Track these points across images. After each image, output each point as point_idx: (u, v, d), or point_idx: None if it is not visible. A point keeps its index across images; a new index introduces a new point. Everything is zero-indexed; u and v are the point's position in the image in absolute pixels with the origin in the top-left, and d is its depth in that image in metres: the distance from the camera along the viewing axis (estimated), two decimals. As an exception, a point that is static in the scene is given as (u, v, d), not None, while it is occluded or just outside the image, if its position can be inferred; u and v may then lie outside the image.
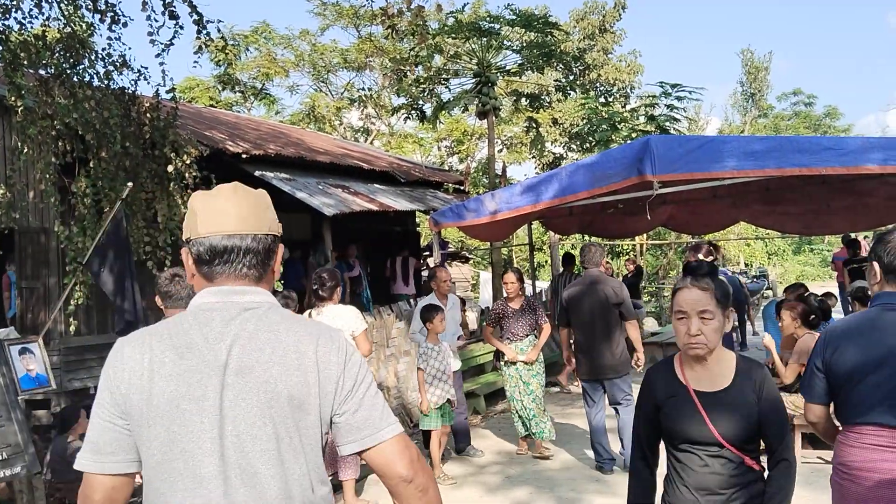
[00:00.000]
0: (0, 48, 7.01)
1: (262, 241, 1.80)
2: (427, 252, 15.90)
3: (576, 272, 11.28)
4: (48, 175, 7.12)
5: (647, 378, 2.71)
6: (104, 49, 7.72)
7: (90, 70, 7.64)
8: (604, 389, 6.64)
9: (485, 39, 13.22)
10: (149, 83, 10.42)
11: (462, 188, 14.99)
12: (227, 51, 18.01)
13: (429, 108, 14.57)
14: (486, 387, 9.82)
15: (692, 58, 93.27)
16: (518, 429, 7.27)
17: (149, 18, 7.53)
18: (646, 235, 18.73)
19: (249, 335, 1.71)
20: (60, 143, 7.15)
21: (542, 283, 15.88)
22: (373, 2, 9.29)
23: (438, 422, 6.60)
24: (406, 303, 10.16)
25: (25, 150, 6.96)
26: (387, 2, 9.16)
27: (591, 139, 16.53)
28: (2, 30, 7.12)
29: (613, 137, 15.21)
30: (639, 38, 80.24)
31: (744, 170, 6.93)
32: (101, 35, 20.61)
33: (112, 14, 7.53)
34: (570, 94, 18.50)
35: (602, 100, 21.81)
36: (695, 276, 2.56)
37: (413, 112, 14.66)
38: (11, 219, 7.62)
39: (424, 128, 25.76)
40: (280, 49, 26.74)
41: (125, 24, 7.70)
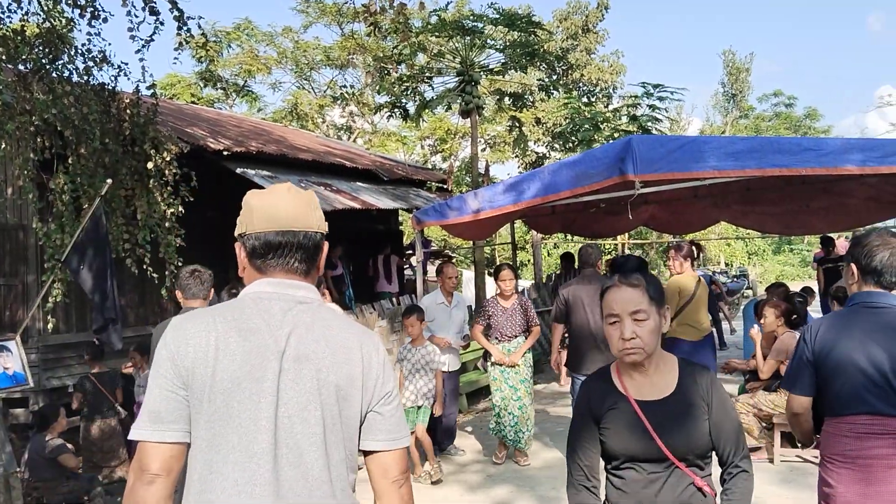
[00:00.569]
0: (-22, 43, 6.93)
1: (312, 238, 1.95)
2: (410, 251, 15.88)
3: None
4: (26, 171, 7.04)
5: (583, 390, 2.44)
6: (84, 44, 7.65)
7: (69, 66, 7.56)
8: None
9: (468, 38, 13.20)
10: (129, 79, 10.32)
11: (445, 187, 14.98)
12: (209, 47, 17.88)
13: (412, 107, 14.53)
14: (468, 385, 9.83)
15: (674, 58, 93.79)
16: (496, 434, 7.07)
17: (129, 14, 7.46)
18: (627, 235, 18.80)
19: (306, 326, 1.85)
20: (39, 139, 7.08)
21: (525, 282, 15.88)
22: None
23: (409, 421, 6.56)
24: (389, 301, 10.14)
25: (3, 146, 6.87)
26: (369, -1, 9.13)
27: (574, 139, 16.55)
28: (-20, 24, 7.04)
29: (596, 137, 15.23)
30: (621, 39, 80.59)
31: (724, 170, 6.97)
32: (81, 30, 20.35)
33: (92, 9, 7.45)
34: (553, 94, 18.53)
35: (585, 100, 21.87)
36: (623, 273, 2.33)
37: (396, 110, 14.61)
38: (-11, 215, 7.54)
39: (408, 126, 25.74)
40: (262, 46, 26.64)
41: (105, 20, 7.63)
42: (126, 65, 8.00)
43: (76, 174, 7.07)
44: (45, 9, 7.50)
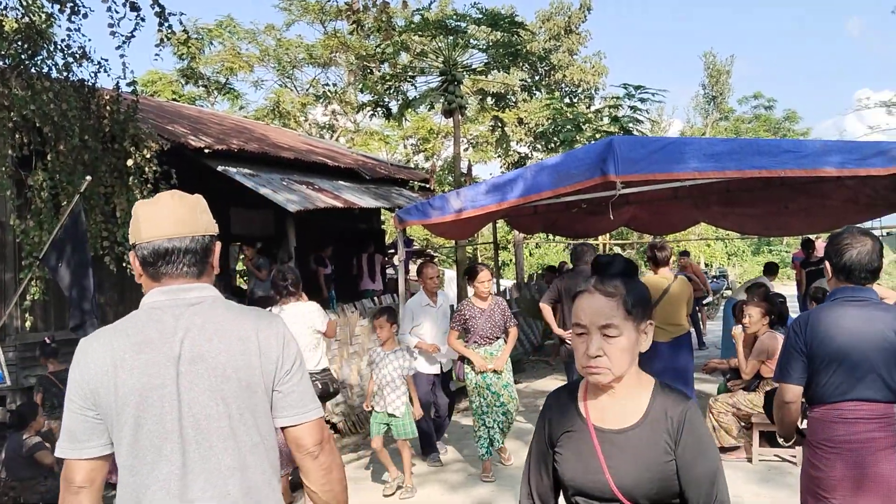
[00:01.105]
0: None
1: (199, 242, 2.06)
2: (392, 250, 15.87)
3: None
4: (4, 168, 6.96)
5: (546, 405, 2.14)
6: (63, 40, 7.59)
7: (49, 61, 7.49)
8: None
9: (451, 38, 13.22)
10: (109, 76, 10.20)
11: (427, 186, 14.99)
12: (190, 44, 17.77)
13: (395, 106, 14.52)
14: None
15: (655, 60, 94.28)
16: (480, 450, 6.58)
17: (109, 10, 7.40)
18: (609, 235, 18.89)
19: (198, 328, 1.96)
20: (17, 136, 7.00)
21: (507, 282, 15.92)
22: (338, -2, 9.24)
23: (374, 430, 6.26)
24: (371, 300, 10.12)
25: (-19, 143, 6.81)
26: (353, -2, 9.12)
27: (556, 139, 16.59)
28: (-43, 19, 6.96)
29: (578, 138, 15.29)
30: (603, 40, 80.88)
31: (705, 171, 7.02)
32: (61, 26, 20.14)
33: (72, 4, 7.39)
34: (536, 95, 18.58)
35: (567, 100, 21.93)
36: (601, 278, 1.98)
37: (379, 109, 14.60)
38: (-35, 212, 7.46)
39: (390, 125, 25.70)
40: (244, 44, 26.50)
41: (85, 16, 7.56)
42: (106, 61, 7.92)
43: (55, 171, 7.00)
44: (25, 4, 7.42)
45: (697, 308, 13.91)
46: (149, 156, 7.61)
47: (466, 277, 7.21)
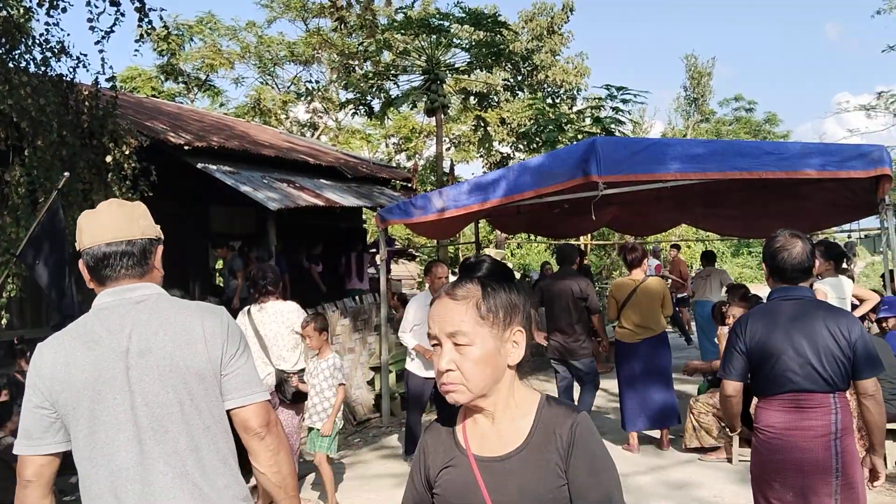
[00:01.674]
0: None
1: (137, 245, 2.21)
2: (373, 249, 15.82)
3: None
4: (-20, 163, 6.87)
5: (419, 445, 1.88)
6: (42, 34, 7.48)
7: (27, 56, 7.38)
8: (567, 367, 7.35)
9: (434, 36, 13.20)
10: (88, 71, 10.18)
11: (410, 185, 14.95)
12: (171, 40, 17.62)
13: (377, 104, 14.47)
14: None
15: (637, 62, 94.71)
16: None
17: (88, 4, 7.31)
18: (590, 235, 18.93)
19: (144, 323, 2.10)
20: (-6, 131, 6.91)
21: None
22: (322, -5, 9.19)
23: (311, 446, 5.80)
24: (352, 300, 10.08)
25: (-44, 137, 6.70)
26: (336, -5, 9.07)
27: (538, 139, 16.63)
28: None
29: (560, 138, 15.33)
30: (586, 41, 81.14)
31: (686, 172, 7.05)
32: (39, 20, 19.96)
33: (50, -2, 7.30)
34: (519, 95, 18.60)
35: (549, 101, 21.98)
36: (458, 281, 1.76)
37: (361, 107, 14.55)
38: (-60, 208, 7.34)
39: (372, 124, 25.62)
40: (225, 40, 26.35)
41: (64, 10, 7.47)
42: (85, 56, 7.82)
43: (32, 167, 6.90)
44: (2, -3, 7.32)
45: (679, 308, 13.97)
46: (128, 152, 7.52)
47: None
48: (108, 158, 7.40)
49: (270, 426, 2.21)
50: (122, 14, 7.43)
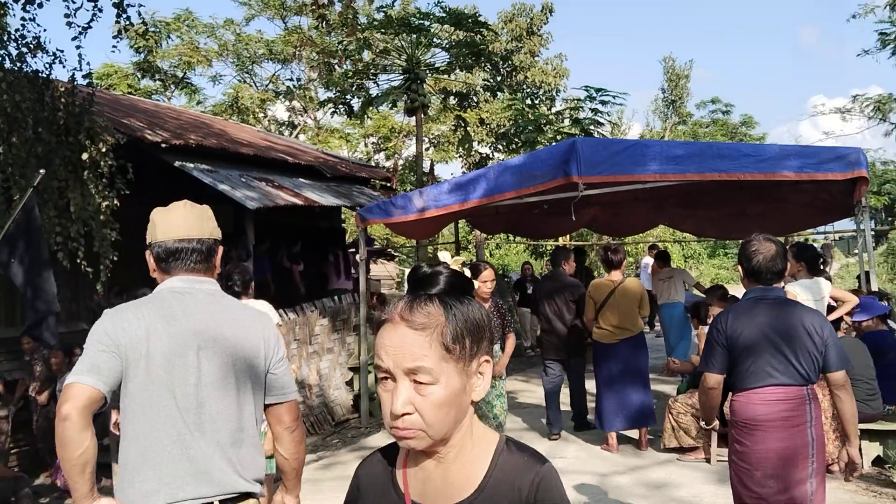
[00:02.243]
0: None
1: (205, 243, 2.48)
2: (352, 249, 15.76)
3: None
4: (-47, 160, 6.75)
5: (351, 484, 1.63)
6: (17, 30, 7.35)
7: (2, 51, 7.25)
8: (562, 366, 7.69)
9: (414, 36, 13.17)
10: (64, 67, 9.96)
11: (389, 185, 14.91)
12: (148, 37, 17.44)
13: (357, 103, 14.43)
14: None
15: (616, 64, 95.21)
16: None
17: (66, -1, 7.22)
18: (569, 236, 18.98)
19: (215, 313, 2.41)
20: (-32, 127, 6.79)
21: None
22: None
23: None
24: (331, 300, 10.03)
25: (-72, 133, 6.58)
26: (316, -7, 9.01)
27: (518, 140, 16.65)
28: None
29: (539, 139, 15.36)
30: (564, 43, 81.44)
31: (666, 174, 7.09)
32: (15, 15, 19.67)
33: (26, -7, 7.19)
34: (498, 95, 18.61)
35: (528, 102, 22.01)
36: (414, 300, 1.41)
37: (341, 106, 14.49)
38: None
39: (351, 123, 25.51)
40: (203, 38, 26.10)
41: (40, 5, 7.35)
42: (62, 52, 7.70)
43: (7, 164, 6.80)
44: (-24, -9, 7.20)
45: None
46: (104, 149, 7.42)
47: (473, 275, 6.63)
48: (85, 156, 7.30)
49: (298, 421, 2.58)
50: (100, 10, 7.33)
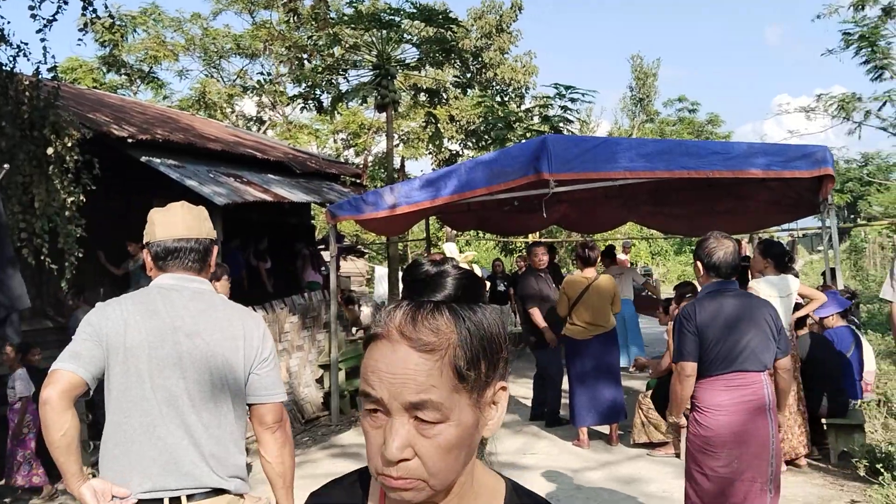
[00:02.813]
0: None
1: (202, 243, 2.56)
2: (322, 245, 15.68)
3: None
4: (-88, 154, 6.59)
5: None
6: (-21, 21, 7.21)
7: (-38, 43, 7.11)
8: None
9: (384, 31, 13.12)
10: (29, 60, 9.74)
11: (359, 181, 14.85)
12: (114, 30, 17.17)
13: (326, 99, 14.33)
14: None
15: (585, 62, 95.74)
16: None
17: (30, -9, 7.07)
18: (538, 233, 19.06)
19: (198, 311, 2.46)
20: (-73, 121, 6.63)
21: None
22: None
23: None
24: (301, 297, 9.96)
25: None
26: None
27: (488, 137, 16.67)
28: None
29: (509, 136, 15.39)
30: (534, 40, 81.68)
31: (635, 171, 7.14)
32: (-26, 7, 19.27)
33: (-12, -16, 7.04)
34: (468, 92, 18.60)
35: (498, 99, 22.05)
36: (417, 309, 1.07)
37: (310, 102, 14.38)
38: None
39: (320, 119, 25.36)
40: (170, 32, 25.77)
41: (3, -4, 7.21)
42: (26, 45, 7.56)
43: (-31, 158, 6.66)
44: (-64, -19, 7.03)
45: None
46: (70, 144, 7.29)
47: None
48: (50, 151, 7.17)
49: (283, 423, 2.55)
50: (65, 2, 7.20)
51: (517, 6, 25.55)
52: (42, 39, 7.50)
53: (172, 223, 2.53)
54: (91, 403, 6.88)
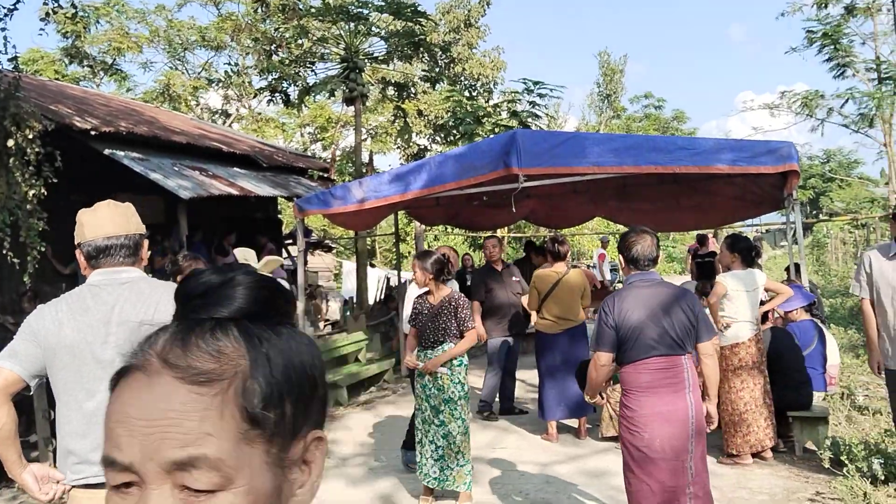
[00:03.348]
0: None
1: (132, 238, 2.68)
2: (289, 240, 15.54)
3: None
4: None
5: None
6: (-65, 9, 7.02)
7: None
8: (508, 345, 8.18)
9: (353, 24, 13.02)
10: (-13, 50, 9.53)
11: (327, 175, 14.73)
12: (77, 21, 16.87)
13: (293, 92, 14.18)
14: (349, 378, 9.71)
15: (552, 58, 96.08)
16: (420, 473, 5.54)
17: (-12, -22, 6.90)
18: (507, 228, 19.09)
19: (126, 299, 2.59)
20: None
21: (407, 274, 15.85)
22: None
23: None
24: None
25: None
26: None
27: (456, 132, 16.64)
28: None
29: (478, 131, 15.37)
30: (502, 36, 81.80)
31: (604, 166, 7.16)
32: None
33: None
34: (437, 87, 18.55)
35: (467, 94, 22.02)
36: (189, 330, 0.78)
37: (277, 94, 14.23)
38: None
39: (287, 112, 25.14)
40: (133, 24, 25.35)
41: (-40, -17, 7.04)
42: (-16, 34, 7.39)
43: (-75, 150, 6.49)
44: None
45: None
46: (31, 136, 7.14)
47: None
48: (10, 143, 7.01)
49: None
50: (25, -10, 7.03)
51: (485, 1, 25.54)
52: (2, 29, 7.34)
53: (101, 222, 2.65)
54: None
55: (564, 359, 7.12)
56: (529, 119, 15.88)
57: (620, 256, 4.01)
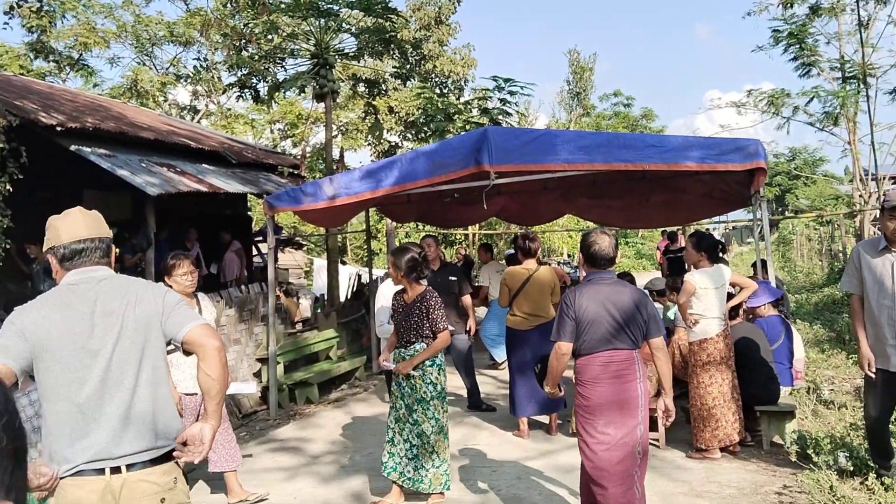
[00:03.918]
0: None
1: (104, 241, 2.82)
2: (259, 237, 15.43)
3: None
4: None
5: None
6: None
7: None
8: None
9: (323, 20, 12.94)
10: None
11: (297, 172, 14.64)
12: (42, 15, 16.59)
13: (263, 88, 14.06)
14: (320, 375, 9.67)
15: (523, 55, 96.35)
16: (386, 472, 5.47)
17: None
18: (478, 225, 19.11)
19: (106, 293, 2.70)
20: None
21: (379, 271, 15.81)
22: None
23: None
24: (237, 289, 9.79)
25: None
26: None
27: (427, 129, 16.62)
28: None
29: (449, 128, 15.36)
30: (472, 32, 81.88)
31: (575, 163, 7.19)
32: None
33: None
34: (408, 84, 18.51)
35: (438, 91, 22.00)
36: None
37: (246, 91, 14.11)
38: None
39: (257, 109, 24.94)
40: (100, 18, 24.98)
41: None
42: (-55, 27, 7.24)
43: None
44: None
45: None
46: (-6, 132, 7.02)
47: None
48: (-28, 138, 6.89)
49: (217, 336, 2.78)
50: (-13, -17, 6.90)
51: (456, -2, 25.53)
52: (-37, 22, 7.18)
53: (75, 226, 2.76)
54: None
55: (535, 355, 7.11)
56: (500, 116, 15.89)
57: (580, 254, 4.27)
